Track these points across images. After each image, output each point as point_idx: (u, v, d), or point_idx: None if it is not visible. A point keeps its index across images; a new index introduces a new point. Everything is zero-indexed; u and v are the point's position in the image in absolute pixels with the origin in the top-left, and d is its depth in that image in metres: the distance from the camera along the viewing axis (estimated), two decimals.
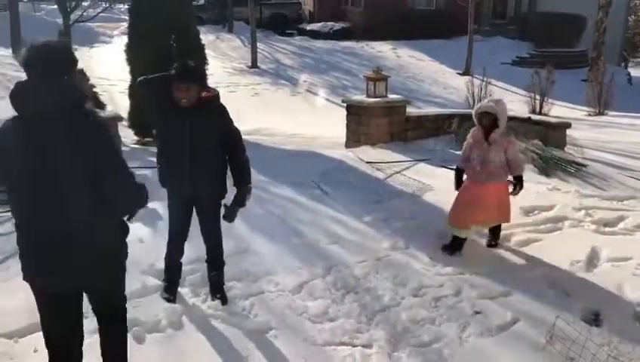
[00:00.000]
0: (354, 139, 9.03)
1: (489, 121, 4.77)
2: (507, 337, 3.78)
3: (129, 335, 3.57)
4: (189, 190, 3.91)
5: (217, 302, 4.01)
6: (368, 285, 4.39)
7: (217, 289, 4.09)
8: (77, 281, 2.70)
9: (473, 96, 11.57)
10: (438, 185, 6.56)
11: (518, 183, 4.96)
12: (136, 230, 5.22)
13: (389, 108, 8.85)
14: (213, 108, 3.86)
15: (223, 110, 3.91)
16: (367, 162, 7.67)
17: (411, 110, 9.83)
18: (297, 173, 7.09)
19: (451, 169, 7.46)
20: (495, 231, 5.13)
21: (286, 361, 3.48)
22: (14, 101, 2.44)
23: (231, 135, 3.92)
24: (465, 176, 5.07)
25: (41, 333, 2.87)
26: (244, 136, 4.07)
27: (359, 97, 9.31)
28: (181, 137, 3.82)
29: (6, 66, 15.28)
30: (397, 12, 23.63)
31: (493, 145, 4.78)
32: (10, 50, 18.00)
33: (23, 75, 2.53)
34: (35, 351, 3.38)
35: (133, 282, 4.23)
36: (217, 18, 27.74)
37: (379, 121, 8.77)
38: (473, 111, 4.99)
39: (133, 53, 10.87)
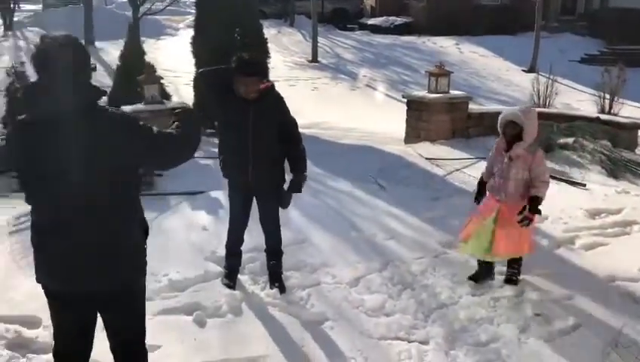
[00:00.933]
0: (414, 134, 8.94)
1: (514, 131, 4.06)
2: (568, 342, 3.66)
3: (191, 319, 3.71)
4: (250, 179, 3.99)
5: (275, 291, 4.08)
6: (425, 282, 4.36)
7: (275, 278, 4.16)
8: (102, 283, 2.42)
9: (539, 94, 11.22)
10: None
11: (532, 207, 4.00)
12: (199, 218, 5.42)
13: (451, 104, 8.72)
14: (271, 99, 3.95)
15: (280, 100, 4.00)
16: (427, 158, 7.59)
17: (473, 107, 9.65)
18: (355, 168, 7.10)
19: None
20: (513, 264, 4.31)
21: (341, 353, 3.50)
22: (34, 100, 2.33)
23: (288, 124, 4.00)
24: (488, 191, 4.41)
25: None
26: (302, 130, 4.13)
27: (420, 93, 9.22)
28: (243, 128, 3.91)
29: None
30: (461, 7, 23.18)
31: (515, 160, 4.07)
32: (83, 42, 18.75)
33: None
34: None
35: (196, 268, 4.41)
36: (279, 12, 28.00)
37: (440, 117, 8.65)
38: (499, 119, 4.22)
39: (198, 46, 11.15)
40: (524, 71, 18.85)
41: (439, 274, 4.48)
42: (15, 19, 23.38)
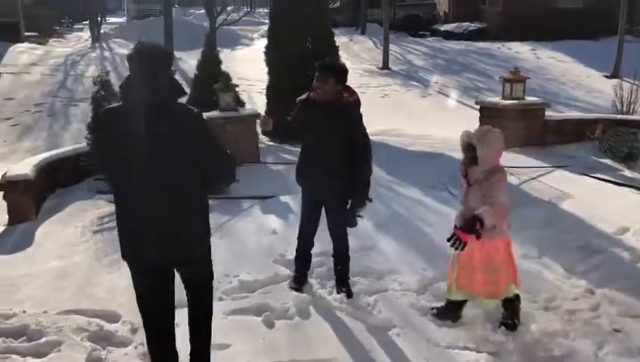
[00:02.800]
0: None
1: (470, 154, 3.57)
2: None
3: (260, 319, 3.80)
4: (319, 185, 4.06)
5: (342, 296, 4.11)
6: None
7: (343, 283, 4.19)
8: (178, 255, 2.89)
9: (622, 100, 10.68)
10: (578, 194, 6.18)
11: (465, 224, 3.48)
12: (270, 222, 5.53)
13: (526, 110, 8.47)
14: (346, 109, 3.96)
15: (351, 111, 3.97)
16: None
17: (551, 113, 9.32)
18: (425, 175, 7.04)
19: (594, 177, 7.01)
20: (509, 307, 3.76)
21: (407, 360, 3.48)
22: (126, 92, 2.79)
23: (355, 138, 3.96)
24: None
25: None
26: (371, 137, 4.14)
27: (494, 99, 9.00)
28: (314, 132, 4.00)
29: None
30: (538, 11, 22.43)
31: (475, 185, 3.59)
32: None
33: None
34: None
35: (266, 270, 4.50)
36: (351, 20, 28.16)
37: (514, 124, 8.40)
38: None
39: (271, 55, 11.41)
40: (605, 77, 17.98)
41: None
42: (101, 31, 24.72)
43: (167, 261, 2.91)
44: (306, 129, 4.10)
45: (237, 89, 10.01)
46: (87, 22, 25.22)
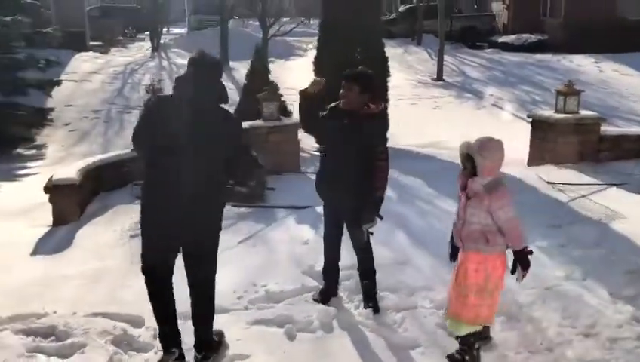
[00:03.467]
0: (537, 157, 8.40)
1: (470, 165, 3.31)
2: None
3: (282, 331, 3.73)
4: (333, 199, 4.01)
5: (369, 311, 4.00)
6: (532, 314, 4.04)
7: (369, 298, 4.07)
8: (190, 239, 3.23)
9: None
10: (633, 214, 5.81)
11: (519, 261, 3.32)
12: (303, 232, 5.48)
13: (580, 125, 8.07)
14: (367, 120, 3.81)
15: (372, 123, 3.82)
16: (549, 182, 7.09)
17: (609, 128, 8.89)
18: None
19: None
20: (465, 340, 3.40)
21: None
22: (178, 86, 3.23)
23: (372, 152, 3.79)
24: None
25: None
26: (419, 149, 4.02)
27: (546, 112, 8.66)
28: (331, 143, 3.95)
29: None
30: (602, 22, 21.55)
31: (474, 199, 3.32)
32: None
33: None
34: None
35: (293, 281, 4.44)
36: (407, 31, 27.96)
37: (567, 138, 8.04)
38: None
39: (320, 65, 11.43)
40: None
41: (549, 307, 4.12)
42: (161, 41, 25.50)
43: (178, 243, 3.26)
44: (324, 138, 4.06)
45: (286, 99, 10.08)
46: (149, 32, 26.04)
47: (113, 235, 5.49)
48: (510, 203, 3.25)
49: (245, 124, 7.41)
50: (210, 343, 3.41)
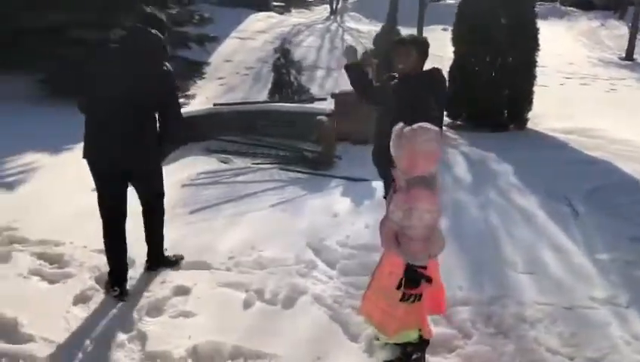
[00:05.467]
0: None
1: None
2: None
3: (243, 297, 3.69)
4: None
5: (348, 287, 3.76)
6: (526, 333, 3.44)
7: None
8: (127, 165, 3.61)
9: None
10: None
11: (405, 276, 2.75)
12: (340, 204, 5.32)
13: None
14: (418, 79, 3.66)
15: (428, 78, 3.67)
16: None
17: None
18: (562, 183, 5.96)
19: None
20: (408, 348, 3.03)
21: None
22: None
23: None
24: None
25: None
26: (557, 134, 3.63)
27: None
28: (382, 109, 3.86)
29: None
30: None
31: (398, 193, 2.80)
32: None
33: None
34: None
35: (290, 251, 4.33)
36: (611, 3, 24.82)
37: None
38: None
39: (457, 34, 10.77)
40: None
41: (554, 328, 3.46)
42: (339, 5, 25.87)
43: (118, 169, 3.61)
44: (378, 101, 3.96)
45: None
46: None
47: (170, 183, 5.81)
48: (424, 203, 2.68)
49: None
50: (158, 257, 4.04)
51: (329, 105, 7.99)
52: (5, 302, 3.53)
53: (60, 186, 5.70)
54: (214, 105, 8.28)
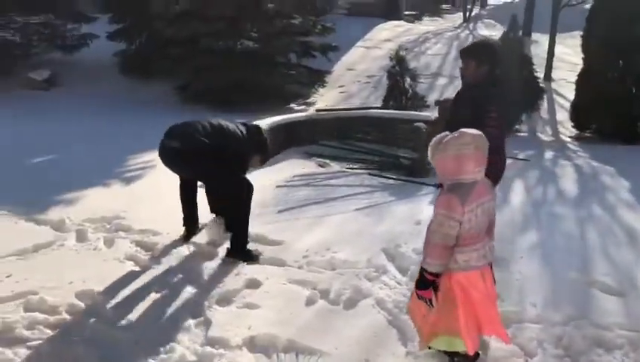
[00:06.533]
0: None
1: None
2: None
3: (307, 294, 3.79)
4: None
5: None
6: (600, 358, 3.17)
7: None
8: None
9: None
10: None
11: (418, 285, 2.80)
12: (426, 212, 5.21)
13: None
14: (478, 89, 3.60)
15: (478, 96, 3.53)
16: None
17: None
18: None
19: None
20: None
21: None
22: None
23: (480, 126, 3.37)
24: None
25: None
26: None
27: None
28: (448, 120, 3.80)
29: None
30: None
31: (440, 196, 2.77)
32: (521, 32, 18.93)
33: None
34: None
35: (364, 254, 4.38)
36: None
37: None
38: None
39: (587, 39, 10.13)
40: None
41: (634, 358, 3.16)
42: (474, 12, 25.19)
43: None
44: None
45: None
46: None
47: (267, 184, 6.08)
48: (446, 216, 2.63)
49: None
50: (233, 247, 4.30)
51: (434, 112, 7.87)
52: (100, 281, 3.95)
53: (172, 183, 6.19)
54: (316, 110, 8.51)
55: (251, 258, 4.35)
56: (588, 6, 18.29)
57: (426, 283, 2.75)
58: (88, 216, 5.02)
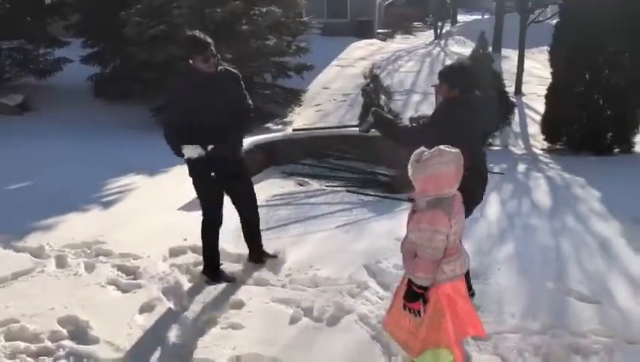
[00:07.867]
0: None
1: None
2: None
3: (290, 312, 3.82)
4: None
5: None
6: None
7: None
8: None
9: None
10: None
11: (406, 291, 2.89)
12: (404, 228, 5.27)
13: None
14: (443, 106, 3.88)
15: (445, 108, 3.82)
16: None
17: None
18: None
19: None
20: None
21: None
22: None
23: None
24: None
25: None
26: None
27: None
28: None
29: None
30: None
31: (417, 214, 2.82)
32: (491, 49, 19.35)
33: None
34: None
35: (345, 271, 4.40)
36: None
37: None
38: None
39: (555, 52, 10.40)
40: None
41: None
42: (445, 29, 25.69)
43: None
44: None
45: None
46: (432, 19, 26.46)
47: None
48: (435, 230, 2.71)
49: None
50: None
51: None
52: (81, 306, 3.94)
53: (151, 205, 6.20)
54: (293, 130, 8.59)
55: (226, 279, 4.36)
56: (555, 22, 18.89)
57: (415, 295, 2.83)
58: (68, 242, 4.98)
